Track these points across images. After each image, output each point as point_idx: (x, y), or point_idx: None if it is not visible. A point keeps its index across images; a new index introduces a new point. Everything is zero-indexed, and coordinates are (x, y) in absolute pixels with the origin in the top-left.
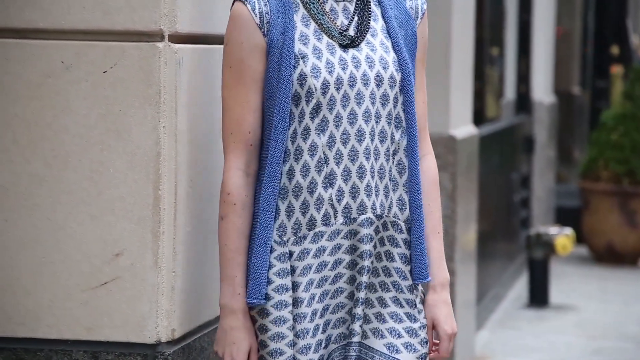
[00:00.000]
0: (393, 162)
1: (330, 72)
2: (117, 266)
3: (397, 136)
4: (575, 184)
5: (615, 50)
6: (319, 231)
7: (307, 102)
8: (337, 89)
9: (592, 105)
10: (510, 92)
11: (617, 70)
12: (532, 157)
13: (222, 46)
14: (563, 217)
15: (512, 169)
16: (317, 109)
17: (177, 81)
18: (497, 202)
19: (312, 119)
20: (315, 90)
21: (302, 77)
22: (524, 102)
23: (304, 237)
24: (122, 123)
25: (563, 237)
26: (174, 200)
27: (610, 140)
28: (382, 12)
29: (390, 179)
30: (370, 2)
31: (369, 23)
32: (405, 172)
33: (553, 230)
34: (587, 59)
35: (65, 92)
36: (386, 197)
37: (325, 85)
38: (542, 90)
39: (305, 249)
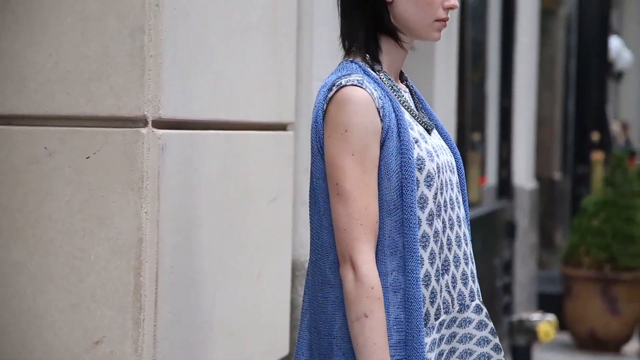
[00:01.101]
0: (468, 247)
1: (437, 157)
2: (96, 354)
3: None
4: (557, 270)
5: (595, 136)
6: (442, 320)
7: (428, 187)
8: (440, 175)
9: (573, 191)
10: (491, 177)
11: (597, 156)
12: (514, 243)
13: (205, 132)
14: (545, 303)
15: (494, 255)
16: (435, 194)
17: (160, 167)
18: (480, 288)
19: (434, 203)
20: (435, 174)
21: (421, 162)
22: (505, 187)
23: (432, 328)
24: (105, 209)
25: (545, 323)
26: (155, 287)
27: (591, 227)
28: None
29: (473, 264)
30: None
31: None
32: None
33: (535, 316)
34: (568, 145)
35: (48, 179)
36: (473, 282)
37: (438, 169)
38: (524, 176)
39: (434, 339)
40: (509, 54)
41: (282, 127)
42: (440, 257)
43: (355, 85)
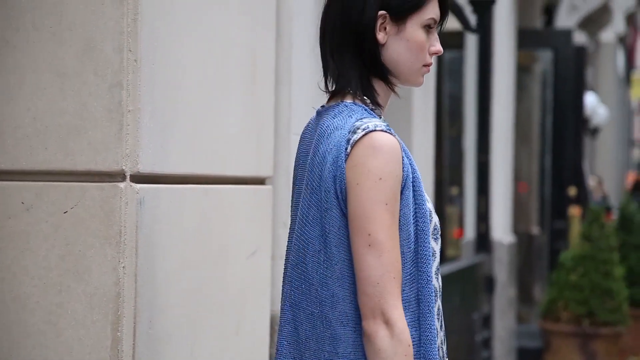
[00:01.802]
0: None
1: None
2: None
3: None
4: (536, 325)
5: (572, 191)
6: None
7: (436, 239)
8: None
9: (550, 246)
10: (470, 231)
11: (574, 211)
12: (493, 297)
13: (184, 186)
14: (524, 357)
15: (474, 309)
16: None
17: (138, 221)
18: (459, 343)
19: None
20: (438, 227)
21: (429, 213)
22: (483, 241)
23: None
24: (82, 264)
25: None
26: (132, 342)
27: (569, 281)
28: None
29: None
30: None
31: None
32: None
33: None
34: (545, 200)
35: (25, 233)
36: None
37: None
38: (502, 230)
39: None
40: (486, 109)
41: (260, 181)
42: (440, 313)
43: (385, 131)
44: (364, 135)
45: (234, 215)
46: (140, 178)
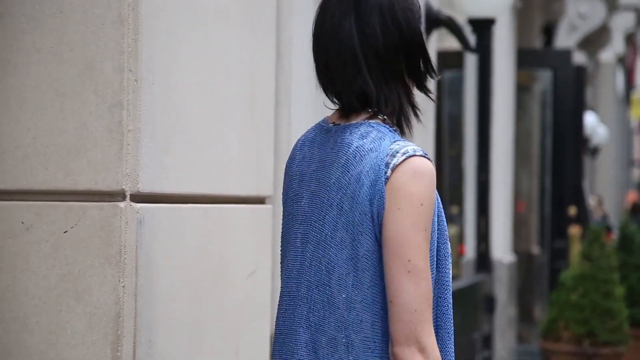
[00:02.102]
0: None
1: None
2: None
3: None
4: (536, 344)
5: (572, 211)
6: None
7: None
8: None
9: (550, 265)
10: (470, 251)
11: (574, 230)
12: (493, 317)
13: (184, 205)
14: None
15: (474, 329)
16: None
17: (138, 240)
18: None
19: None
20: (450, 252)
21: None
22: (483, 261)
23: None
24: (82, 283)
25: None
26: None
27: (569, 301)
28: None
29: None
30: None
31: None
32: None
33: None
34: (545, 219)
35: (25, 253)
36: None
37: None
38: (502, 250)
39: None
40: (486, 129)
41: (260, 200)
42: None
43: (423, 156)
44: (404, 160)
45: (234, 234)
46: (140, 197)
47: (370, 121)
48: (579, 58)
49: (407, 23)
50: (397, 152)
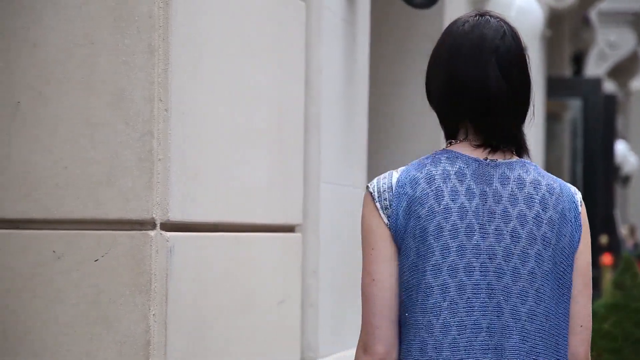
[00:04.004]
0: None
1: None
2: None
3: None
4: None
5: (604, 240)
6: None
7: None
8: None
9: None
10: None
11: (606, 259)
12: None
13: (213, 234)
14: None
15: None
16: None
17: (169, 269)
18: None
19: None
20: None
21: None
22: None
23: None
24: (112, 312)
25: None
26: None
27: (602, 330)
28: None
29: None
30: None
31: None
32: None
33: None
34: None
35: (55, 282)
36: None
37: None
38: None
39: None
40: None
41: (289, 228)
42: None
43: None
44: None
45: (263, 263)
46: (170, 226)
47: (523, 159)
48: (609, 87)
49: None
50: (576, 190)
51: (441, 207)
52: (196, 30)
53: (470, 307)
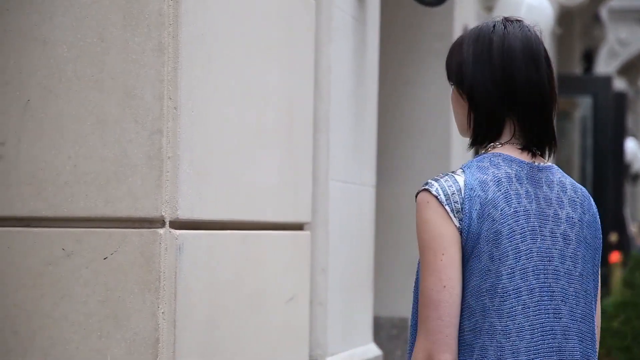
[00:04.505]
0: None
1: None
2: None
3: None
4: None
5: (613, 237)
6: None
7: None
8: None
9: None
10: None
11: (616, 257)
12: None
13: (222, 232)
14: None
15: None
16: None
17: (178, 267)
18: None
19: None
20: None
21: None
22: None
23: None
24: (121, 309)
25: None
26: None
27: (611, 328)
28: None
29: None
30: None
31: None
32: None
33: None
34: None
35: (65, 280)
36: None
37: None
38: None
39: None
40: None
41: (298, 226)
42: None
43: None
44: None
45: (272, 260)
46: (179, 224)
47: (552, 164)
48: (620, 84)
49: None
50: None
51: (511, 209)
52: (206, 28)
53: (539, 310)
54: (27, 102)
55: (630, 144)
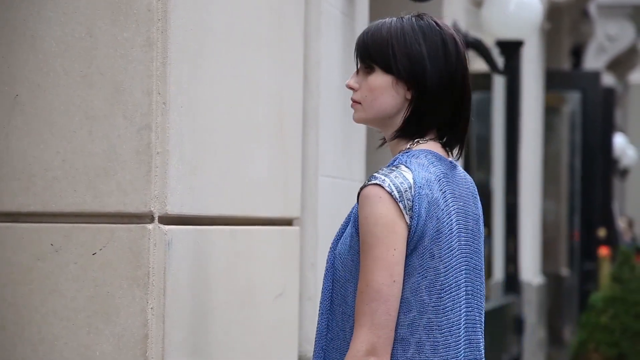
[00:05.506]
0: None
1: None
2: None
3: None
4: None
5: (602, 232)
6: None
7: None
8: None
9: (580, 287)
10: (498, 272)
11: (604, 252)
12: (522, 338)
13: (211, 227)
14: None
15: (503, 351)
16: None
17: (167, 262)
18: None
19: None
20: None
21: None
22: (512, 282)
23: None
24: (110, 305)
25: None
26: None
27: (600, 323)
28: None
29: None
30: None
31: None
32: None
33: None
34: (575, 241)
35: (54, 275)
36: None
37: None
38: (531, 271)
39: None
40: (514, 151)
41: (287, 222)
42: None
43: None
44: None
45: (262, 256)
46: (168, 219)
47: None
48: (608, 80)
49: None
50: None
51: (448, 209)
52: (195, 23)
53: (468, 305)
54: (16, 97)
55: (618, 139)
